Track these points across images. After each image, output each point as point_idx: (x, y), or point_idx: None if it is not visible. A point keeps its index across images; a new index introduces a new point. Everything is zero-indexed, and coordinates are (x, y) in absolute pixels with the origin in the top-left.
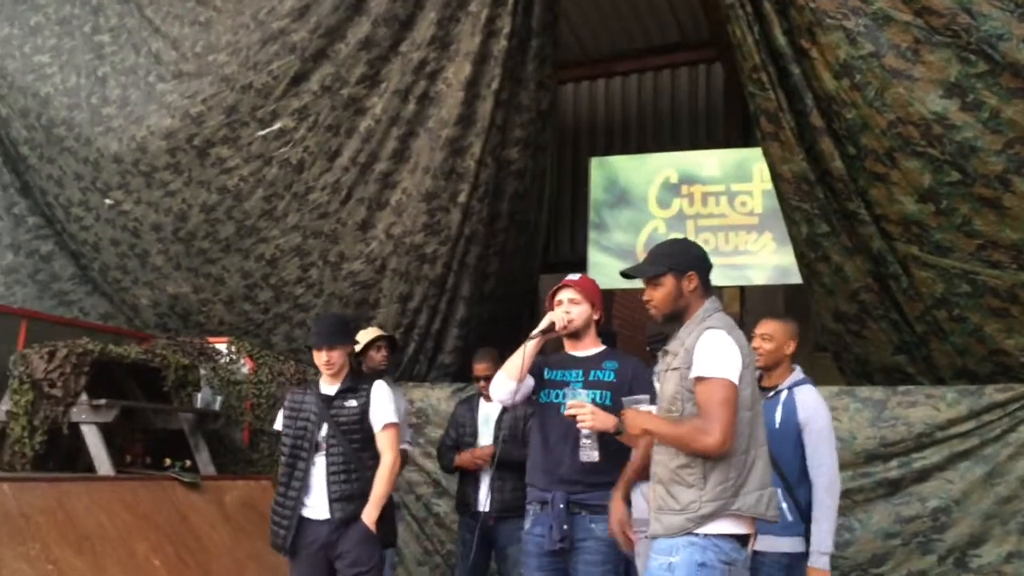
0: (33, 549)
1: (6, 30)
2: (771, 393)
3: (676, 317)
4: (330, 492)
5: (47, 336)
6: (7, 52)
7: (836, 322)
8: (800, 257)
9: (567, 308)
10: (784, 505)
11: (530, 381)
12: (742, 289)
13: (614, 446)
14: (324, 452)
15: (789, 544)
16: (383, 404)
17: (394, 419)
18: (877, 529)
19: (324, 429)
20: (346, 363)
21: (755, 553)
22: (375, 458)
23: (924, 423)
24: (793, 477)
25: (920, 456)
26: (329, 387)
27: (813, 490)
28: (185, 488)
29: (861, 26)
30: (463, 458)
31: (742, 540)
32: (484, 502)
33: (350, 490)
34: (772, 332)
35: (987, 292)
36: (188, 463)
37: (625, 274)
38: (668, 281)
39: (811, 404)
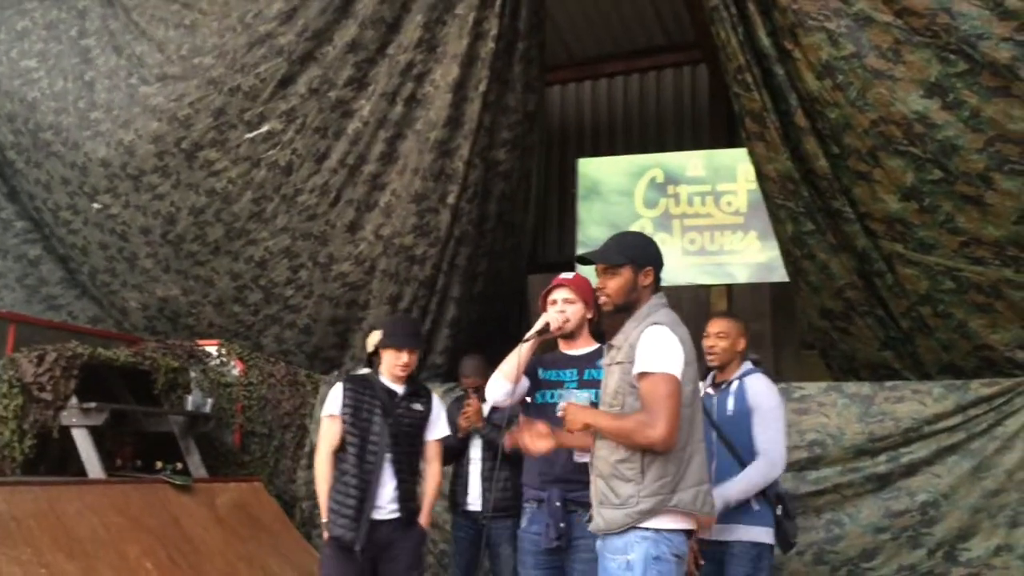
0: (25, 553)
1: None
2: (723, 385)
3: (626, 309)
4: (396, 492)
5: (36, 340)
6: None
7: (822, 319)
8: (786, 255)
9: (561, 308)
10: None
11: (525, 382)
12: (729, 287)
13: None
14: (391, 451)
15: (757, 534)
16: (441, 416)
17: (447, 432)
18: (867, 524)
19: (389, 428)
20: None
21: (723, 543)
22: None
23: (911, 418)
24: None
25: (908, 451)
26: (395, 386)
27: (756, 458)
28: (176, 491)
29: (843, 27)
30: (462, 416)
31: (687, 534)
32: (475, 500)
33: (411, 492)
34: (725, 330)
35: (971, 288)
36: (179, 466)
37: (581, 259)
38: (626, 272)
39: (760, 389)
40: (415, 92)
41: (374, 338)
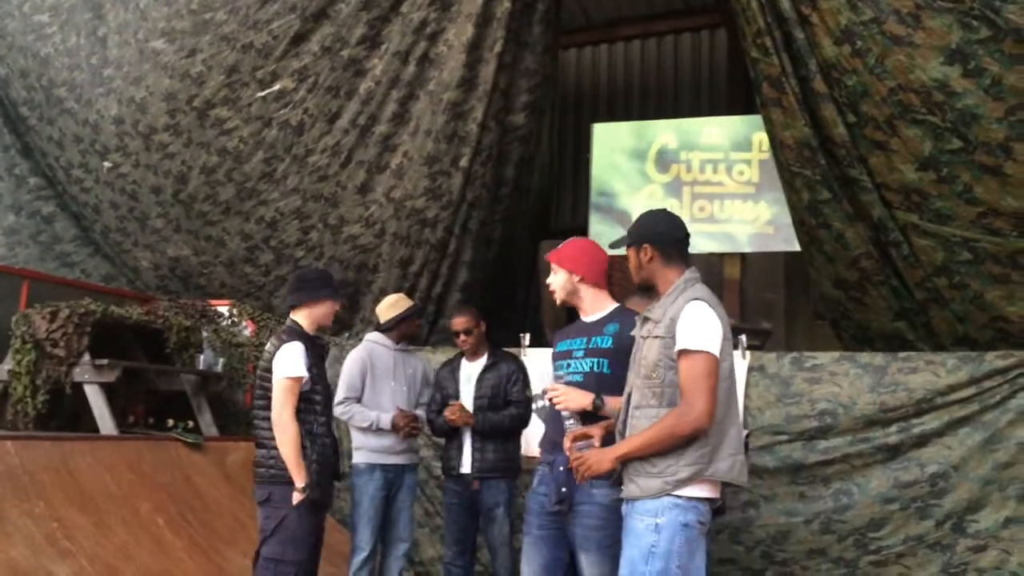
0: (37, 507)
1: None
2: None
3: (645, 287)
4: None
5: (49, 297)
6: (6, 11)
7: (836, 289)
8: (800, 224)
9: (549, 279)
10: None
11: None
12: (743, 256)
13: (601, 419)
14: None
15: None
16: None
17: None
18: (876, 494)
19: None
20: None
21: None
22: None
23: (924, 389)
24: None
25: (919, 422)
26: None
27: None
28: (188, 449)
29: None
30: (447, 414)
31: (712, 503)
32: (467, 464)
33: None
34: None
35: (988, 259)
36: (190, 424)
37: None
38: (631, 254)
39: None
40: (428, 51)
41: (390, 303)
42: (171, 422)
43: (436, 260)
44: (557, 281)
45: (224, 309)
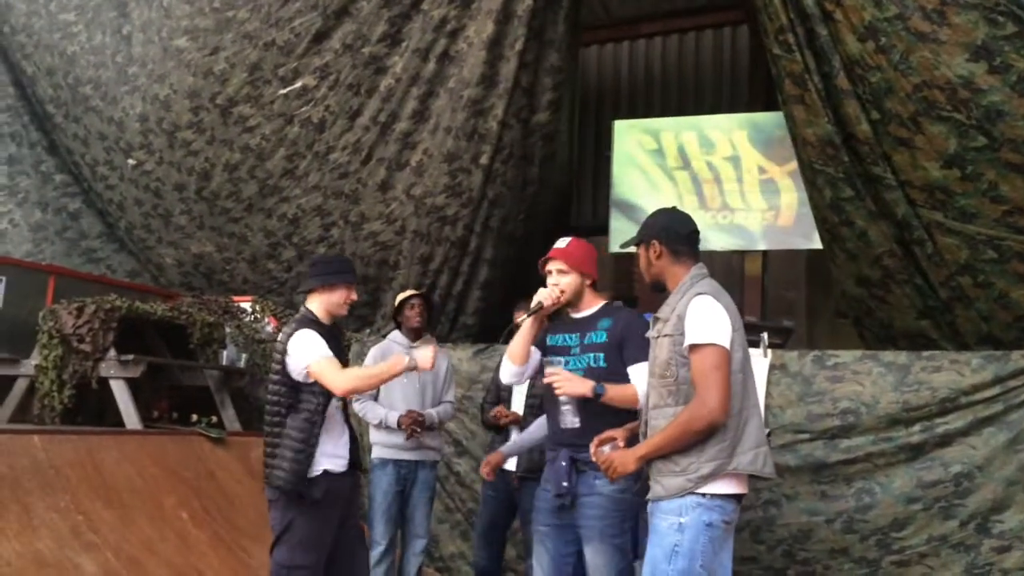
0: (63, 500)
1: None
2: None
3: (656, 285)
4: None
5: (75, 292)
6: (33, 10)
7: (859, 287)
8: (822, 222)
9: (555, 281)
10: None
11: (536, 356)
12: (764, 255)
13: (599, 408)
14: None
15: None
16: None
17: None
18: (899, 494)
19: None
20: None
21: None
22: None
23: (948, 388)
24: None
25: (943, 421)
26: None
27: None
28: (211, 444)
29: None
30: (497, 411)
31: (739, 499)
32: (512, 461)
33: None
34: None
35: (1013, 257)
36: (214, 419)
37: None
38: (640, 252)
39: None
40: (448, 49)
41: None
42: (195, 417)
43: (456, 257)
44: (569, 283)
45: (247, 305)
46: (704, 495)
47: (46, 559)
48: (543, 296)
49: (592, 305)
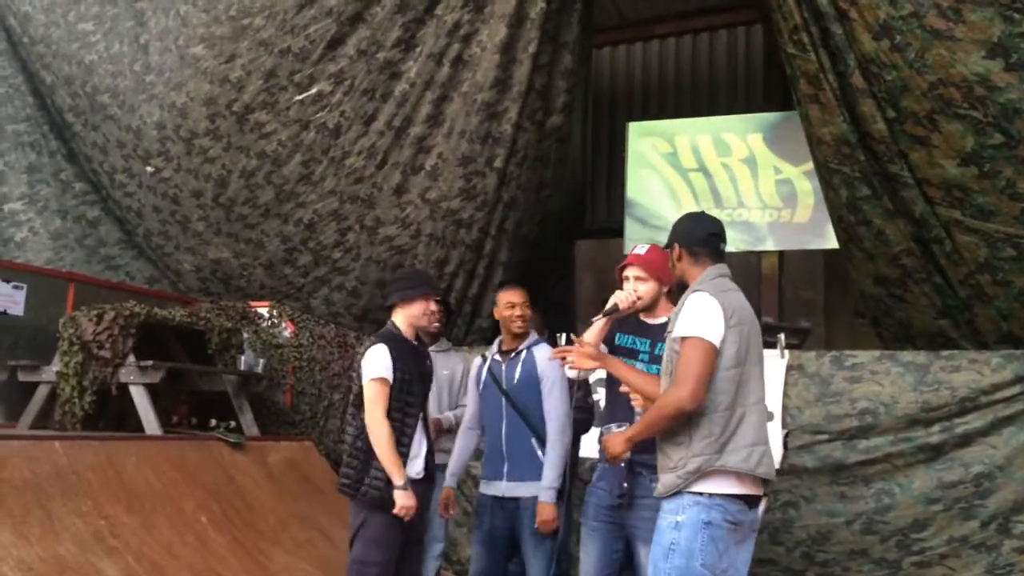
0: (85, 505)
1: None
2: (512, 355)
3: (682, 286)
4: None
5: (95, 299)
6: (51, 20)
7: (877, 286)
8: (838, 221)
9: (634, 286)
10: (539, 453)
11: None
12: (781, 255)
13: None
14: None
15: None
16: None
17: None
18: (918, 494)
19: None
20: None
21: (516, 499)
22: None
23: (968, 388)
24: (541, 427)
25: (963, 421)
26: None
27: (547, 434)
28: (230, 448)
29: None
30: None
31: (749, 501)
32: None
33: None
34: (517, 301)
35: None
36: (232, 424)
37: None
38: (668, 255)
39: (546, 359)
40: (462, 53)
41: None
42: (213, 422)
43: (472, 261)
44: (648, 290)
45: (264, 310)
46: (702, 494)
47: (68, 564)
48: (620, 298)
49: (667, 313)
